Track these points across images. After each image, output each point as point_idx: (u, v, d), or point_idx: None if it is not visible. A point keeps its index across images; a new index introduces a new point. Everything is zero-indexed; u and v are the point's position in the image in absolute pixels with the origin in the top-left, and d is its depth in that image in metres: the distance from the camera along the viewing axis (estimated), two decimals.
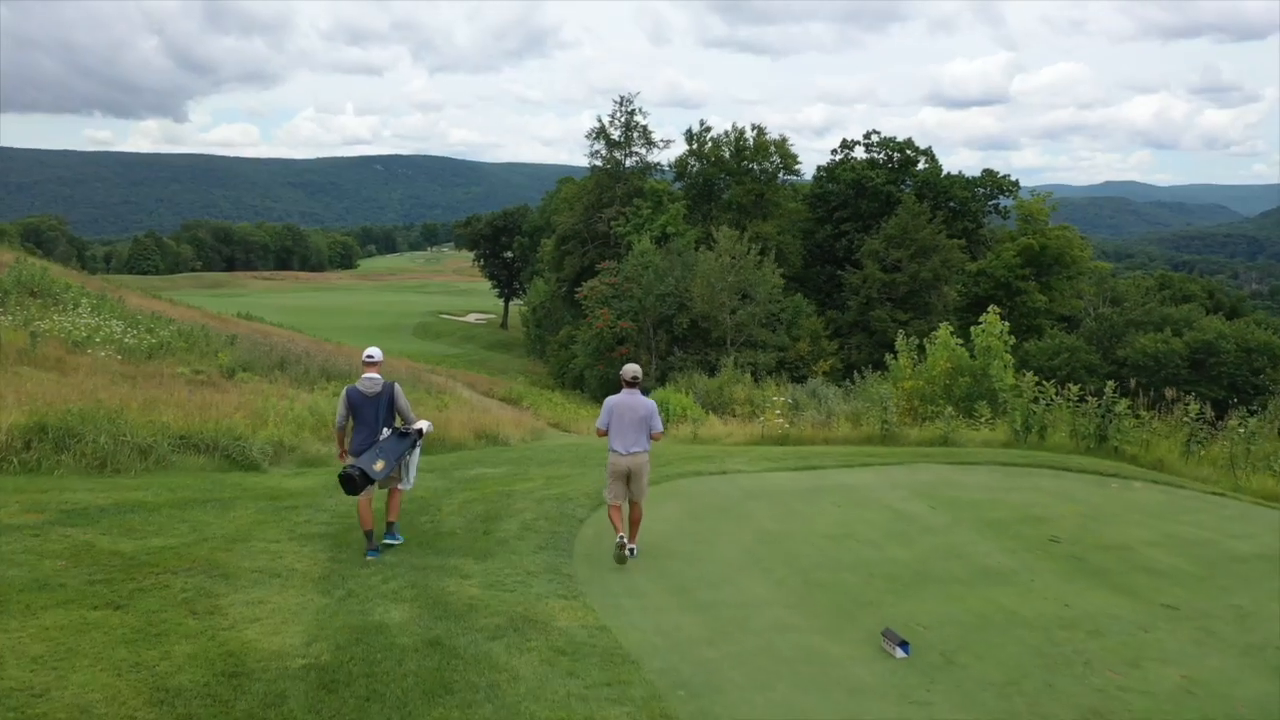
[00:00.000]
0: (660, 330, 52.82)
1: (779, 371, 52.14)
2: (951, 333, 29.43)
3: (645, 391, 9.49)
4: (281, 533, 9.29)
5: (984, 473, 12.19)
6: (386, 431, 8.91)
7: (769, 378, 50.21)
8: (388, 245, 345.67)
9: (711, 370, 50.37)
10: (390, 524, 9.18)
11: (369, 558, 8.61)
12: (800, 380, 51.93)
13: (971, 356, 28.68)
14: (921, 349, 31.47)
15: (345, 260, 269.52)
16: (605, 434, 9.28)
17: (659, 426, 9.29)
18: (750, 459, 13.24)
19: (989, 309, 28.95)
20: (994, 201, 68.71)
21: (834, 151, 70.81)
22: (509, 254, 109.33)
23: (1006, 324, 28.39)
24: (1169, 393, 14.41)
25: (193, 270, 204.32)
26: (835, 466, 12.58)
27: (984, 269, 61.50)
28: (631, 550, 8.94)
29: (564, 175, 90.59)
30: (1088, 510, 10.26)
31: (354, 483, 8.49)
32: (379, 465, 8.61)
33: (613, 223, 62.52)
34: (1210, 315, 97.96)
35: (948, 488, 11.30)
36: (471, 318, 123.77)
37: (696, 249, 56.04)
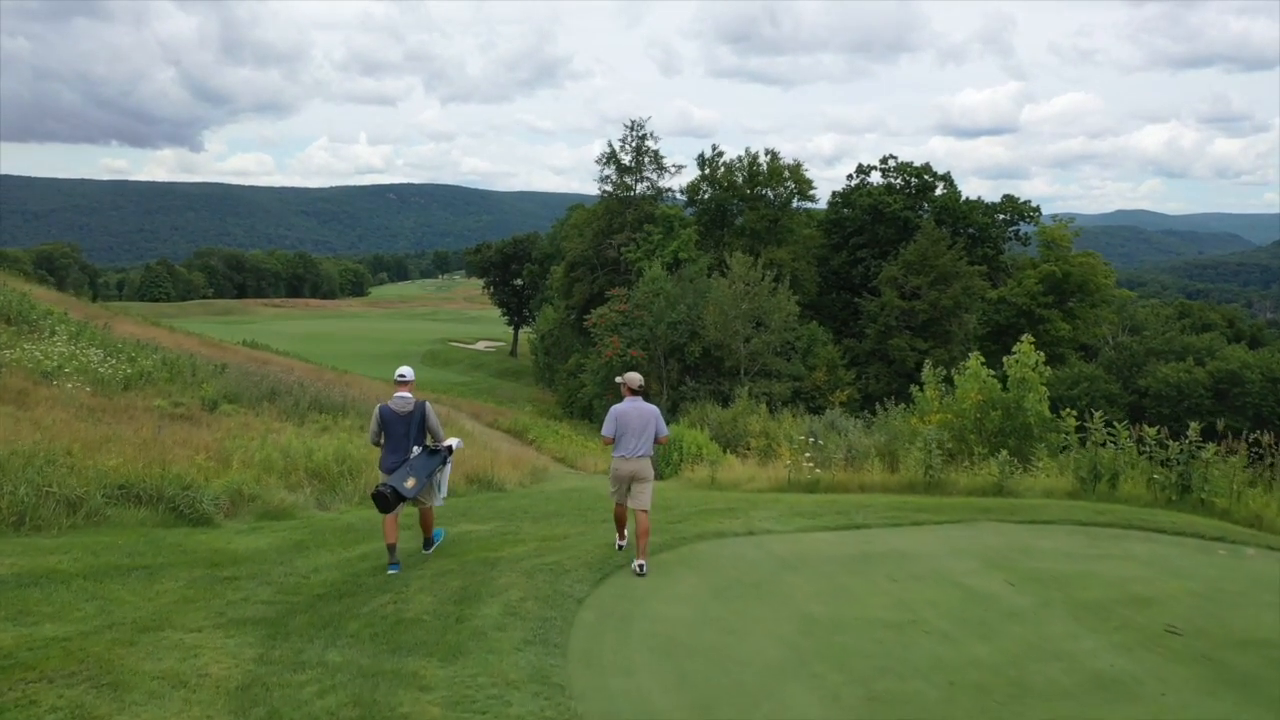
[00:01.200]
0: (672, 359, 51.11)
1: (794, 402, 50.33)
2: (981, 363, 27.73)
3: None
4: (208, 616, 7.49)
5: (1061, 535, 10.22)
6: (417, 449, 9.23)
7: (784, 408, 48.41)
8: (399, 273, 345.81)
9: (725, 400, 48.58)
10: (428, 538, 9.62)
11: (390, 571, 8.92)
12: (817, 411, 50.02)
13: (1003, 388, 26.93)
14: (949, 380, 29.76)
15: (356, 287, 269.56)
16: (611, 442, 9.41)
17: (665, 430, 9.57)
18: (779, 513, 11.38)
19: (1022, 338, 27.18)
20: (1014, 227, 66.95)
21: (849, 176, 69.35)
22: (519, 281, 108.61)
23: (1041, 354, 26.63)
24: (1265, 438, 12.47)
25: (204, 298, 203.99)
26: (881, 525, 10.66)
27: (1005, 296, 59.71)
28: (641, 567, 8.88)
29: (575, 203, 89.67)
30: (1202, 588, 8.33)
31: (386, 500, 8.83)
32: (410, 483, 8.92)
33: (623, 249, 61.00)
34: (1232, 344, 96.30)
35: (1023, 555, 9.36)
36: (481, 345, 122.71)
37: (709, 275, 54.42)
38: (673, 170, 63.99)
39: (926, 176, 65.93)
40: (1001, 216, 66.45)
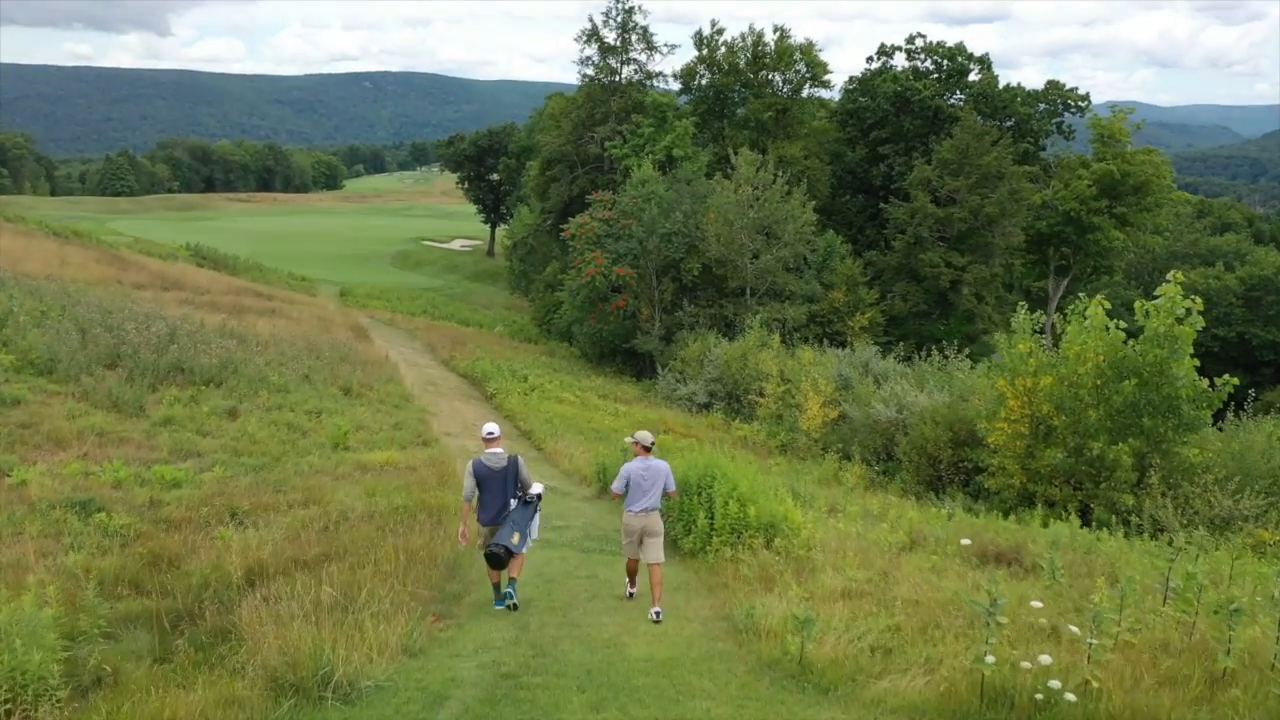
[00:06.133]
0: (665, 278, 42.94)
1: (810, 327, 42.63)
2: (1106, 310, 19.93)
3: None
4: None
5: None
6: (514, 503, 9.63)
7: (797, 336, 40.68)
8: (376, 165, 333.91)
9: (728, 328, 40.82)
10: (513, 579, 9.58)
11: (497, 608, 9.43)
12: (837, 340, 42.30)
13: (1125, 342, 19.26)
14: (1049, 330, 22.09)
15: (330, 181, 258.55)
16: (620, 497, 9.80)
17: (673, 486, 9.88)
18: None
19: (1169, 276, 19.39)
20: (1058, 119, 58.02)
21: (869, 59, 59.84)
22: (495, 176, 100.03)
23: (1198, 298, 18.90)
24: None
25: (169, 191, 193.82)
26: None
27: (1049, 200, 51.29)
28: (658, 614, 9.21)
29: (555, 92, 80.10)
30: None
31: (499, 559, 9.27)
32: (516, 538, 9.33)
33: (607, 143, 52.08)
34: (1260, 246, 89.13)
35: None
36: (456, 244, 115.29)
37: (709, 176, 45.90)
38: (664, 51, 54.39)
39: (960, 59, 56.54)
40: (1043, 106, 57.44)
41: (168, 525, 10.78)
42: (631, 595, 9.87)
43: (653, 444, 9.79)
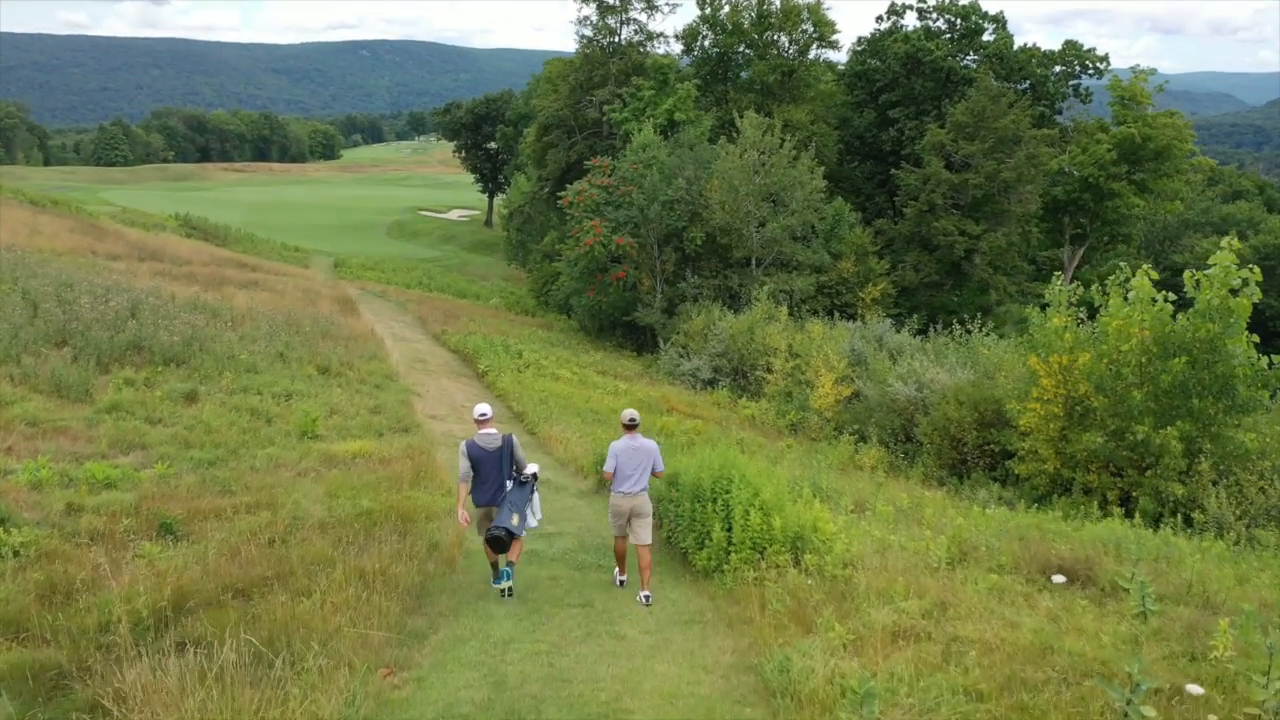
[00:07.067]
0: (667, 248, 41.06)
1: (818, 299, 40.80)
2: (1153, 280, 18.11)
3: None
4: None
5: None
6: (509, 484, 9.37)
7: (805, 309, 38.86)
8: (374, 134, 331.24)
9: (733, 299, 39.04)
10: (511, 562, 9.29)
11: (504, 583, 9.23)
12: (847, 312, 40.47)
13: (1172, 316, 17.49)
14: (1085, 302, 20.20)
15: (327, 151, 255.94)
16: (612, 477, 9.56)
17: (661, 467, 9.65)
18: None
19: (1224, 242, 17.54)
20: (1075, 81, 55.78)
21: (879, 19, 57.57)
22: (492, 145, 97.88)
23: (1256, 269, 17.14)
24: None
25: (164, 161, 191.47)
26: None
27: (1065, 166, 49.21)
28: (647, 598, 9.18)
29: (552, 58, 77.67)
30: None
31: (502, 542, 9.03)
32: (515, 519, 9.09)
33: (606, 107, 49.98)
34: (1271, 214, 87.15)
35: None
36: (454, 214, 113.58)
37: (713, 142, 43.83)
38: (665, 10, 52.04)
39: (974, 18, 54.17)
40: (1059, 68, 55.20)
41: (81, 540, 9.05)
42: (622, 583, 9.61)
43: (634, 422, 9.53)
